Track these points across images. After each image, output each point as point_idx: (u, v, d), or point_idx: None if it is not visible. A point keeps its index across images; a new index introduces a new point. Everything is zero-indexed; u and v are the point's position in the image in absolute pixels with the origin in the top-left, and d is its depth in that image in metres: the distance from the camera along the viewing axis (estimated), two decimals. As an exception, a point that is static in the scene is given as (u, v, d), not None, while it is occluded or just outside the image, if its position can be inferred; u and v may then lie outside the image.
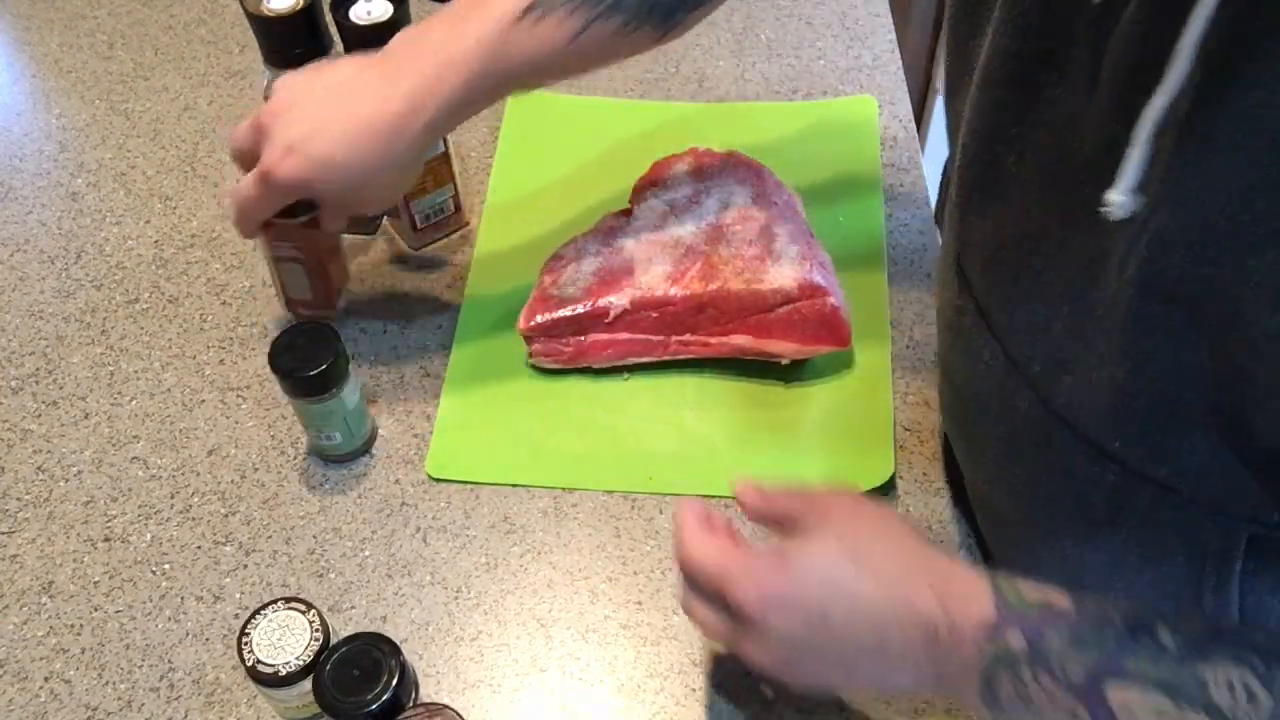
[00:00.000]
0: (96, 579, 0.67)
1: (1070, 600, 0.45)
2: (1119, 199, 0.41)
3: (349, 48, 0.72)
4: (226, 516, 0.70)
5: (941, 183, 0.74)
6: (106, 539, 0.69)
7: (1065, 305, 0.49)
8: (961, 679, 0.46)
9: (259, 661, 0.57)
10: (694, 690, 0.62)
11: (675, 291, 0.71)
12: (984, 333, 0.55)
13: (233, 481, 0.71)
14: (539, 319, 0.72)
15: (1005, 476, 0.59)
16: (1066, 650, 0.44)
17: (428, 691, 0.63)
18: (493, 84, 0.63)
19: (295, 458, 0.72)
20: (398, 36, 0.65)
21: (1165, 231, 0.41)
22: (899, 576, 0.48)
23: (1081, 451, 0.51)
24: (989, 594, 0.46)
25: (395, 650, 0.56)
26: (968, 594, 0.46)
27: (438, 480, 0.71)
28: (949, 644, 0.46)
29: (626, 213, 0.77)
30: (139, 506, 0.70)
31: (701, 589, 0.52)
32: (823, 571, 0.48)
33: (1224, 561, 0.50)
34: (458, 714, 0.54)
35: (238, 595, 0.67)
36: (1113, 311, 0.45)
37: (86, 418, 0.75)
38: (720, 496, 0.69)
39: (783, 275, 0.70)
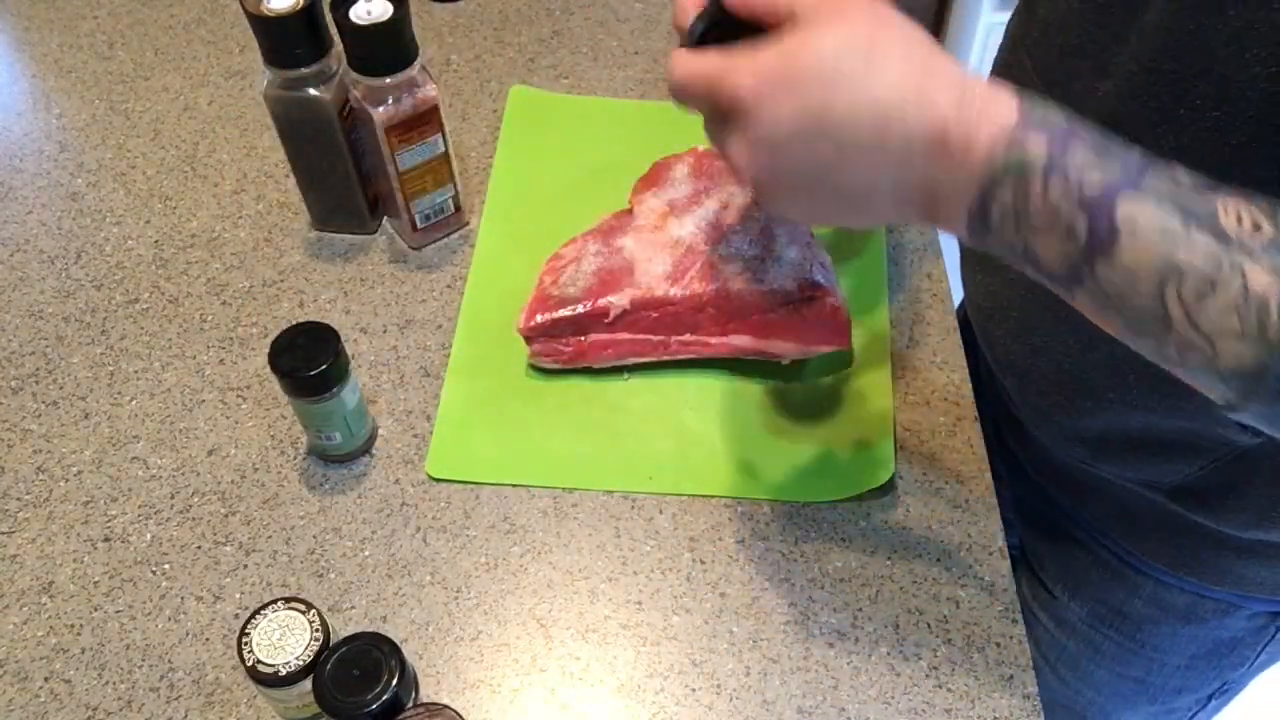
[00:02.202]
0: (96, 579, 0.67)
1: (1099, 128, 0.43)
2: None
3: (349, 48, 0.72)
4: (226, 516, 0.70)
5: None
6: (106, 539, 0.69)
7: (1107, 29, 0.53)
8: (953, 197, 0.44)
9: (259, 661, 0.57)
10: (694, 690, 0.62)
11: (675, 291, 0.71)
12: (1027, 71, 0.59)
13: (233, 481, 0.72)
14: (539, 319, 0.72)
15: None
16: (1088, 159, 0.42)
17: (428, 691, 0.63)
18: None
19: (295, 458, 0.73)
20: None
21: None
22: (916, 72, 0.43)
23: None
24: (1015, 102, 0.43)
25: (395, 650, 0.56)
26: (991, 98, 0.43)
27: (438, 480, 0.71)
28: (958, 148, 0.43)
29: (626, 213, 0.77)
30: (139, 506, 0.70)
31: (696, 100, 0.48)
32: (831, 60, 0.43)
33: None
34: (458, 714, 0.54)
35: (238, 595, 0.67)
36: (1147, 39, 0.49)
37: (86, 418, 0.75)
38: (720, 496, 0.69)
39: (783, 275, 0.70)
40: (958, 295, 0.79)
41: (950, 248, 0.82)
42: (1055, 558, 0.81)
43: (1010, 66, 0.65)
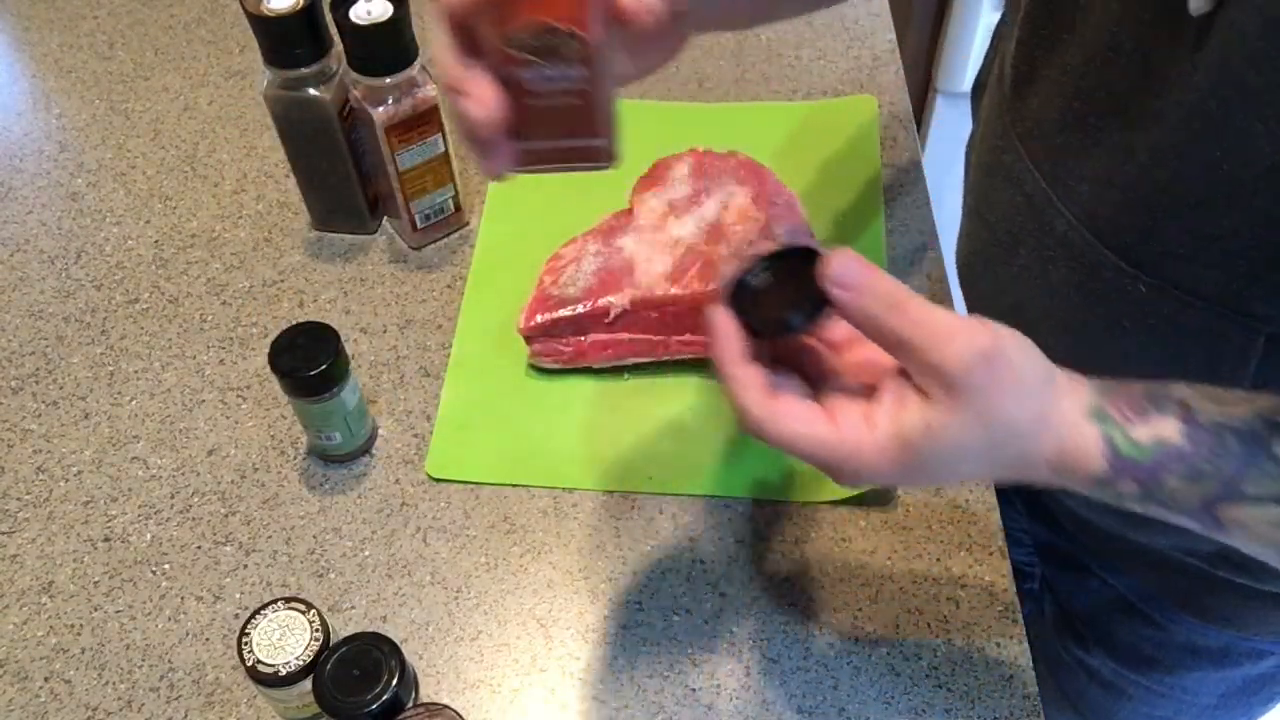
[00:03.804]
0: (96, 579, 0.67)
1: (1183, 426, 0.44)
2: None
3: (349, 48, 0.72)
4: (226, 516, 0.70)
5: (988, 50, 0.75)
6: (106, 539, 0.69)
7: (1119, 119, 0.52)
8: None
9: (259, 661, 0.57)
10: (694, 690, 0.62)
11: (675, 291, 0.71)
12: (1024, 165, 0.59)
13: (233, 481, 0.71)
14: (539, 319, 0.72)
15: (1040, 306, 0.60)
16: (1181, 486, 0.44)
17: (428, 691, 0.63)
18: None
19: (295, 458, 0.72)
20: None
21: (1240, 25, 0.43)
22: (1020, 454, 0.45)
23: (1115, 266, 0.54)
24: (1100, 447, 0.44)
25: (395, 650, 0.56)
26: (1080, 455, 0.44)
27: (438, 480, 0.71)
28: (1064, 483, 0.46)
29: (626, 213, 0.77)
30: (139, 506, 0.70)
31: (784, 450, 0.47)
32: (946, 460, 0.44)
33: (1240, 362, 0.52)
34: (458, 714, 0.54)
35: (238, 595, 0.67)
36: (1170, 119, 0.48)
37: (86, 418, 0.75)
38: (720, 496, 0.69)
39: (783, 275, 0.70)
40: (958, 295, 0.79)
41: (950, 248, 0.82)
42: (1083, 598, 0.79)
43: (1003, 152, 0.62)
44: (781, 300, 0.46)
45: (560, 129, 0.45)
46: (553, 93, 0.43)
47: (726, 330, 0.46)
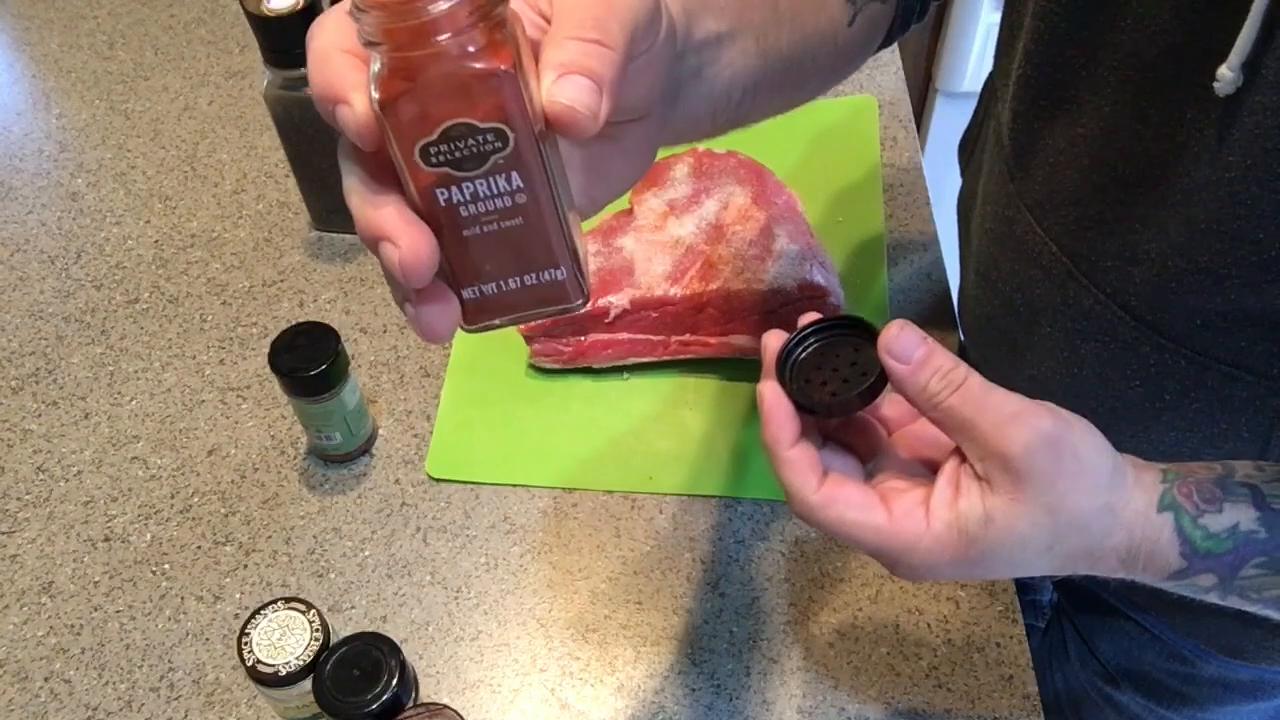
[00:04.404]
0: (96, 579, 0.67)
1: (1257, 513, 0.42)
2: (1229, 74, 0.41)
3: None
4: (226, 516, 0.70)
5: (977, 107, 0.72)
6: (106, 539, 0.69)
7: (1144, 197, 0.49)
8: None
9: (259, 661, 0.57)
10: (694, 690, 0.62)
11: (675, 291, 0.71)
12: (1039, 237, 0.55)
13: (233, 481, 0.71)
14: (539, 319, 0.72)
15: (1066, 378, 0.57)
16: (1261, 576, 0.43)
17: (428, 691, 0.63)
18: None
19: (295, 458, 0.72)
20: None
21: (1275, 104, 0.41)
22: (1087, 550, 0.43)
23: (1152, 341, 0.52)
24: (1175, 543, 0.42)
25: (395, 650, 0.56)
26: (1154, 550, 0.43)
27: (438, 480, 0.71)
28: (1137, 577, 0.45)
29: (626, 213, 0.77)
30: (139, 506, 0.70)
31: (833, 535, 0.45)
32: (1009, 553, 0.42)
33: None
34: (458, 714, 0.54)
35: (238, 595, 0.67)
36: (1203, 196, 0.45)
37: (86, 418, 0.75)
38: (720, 496, 0.69)
39: (783, 275, 0.70)
40: (958, 293, 0.79)
41: (950, 247, 0.82)
42: (1109, 640, 0.77)
43: (1013, 223, 0.59)
44: (834, 376, 0.44)
45: (508, 264, 0.37)
46: (488, 215, 0.35)
47: (778, 409, 0.44)
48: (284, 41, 0.72)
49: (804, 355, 0.45)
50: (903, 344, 0.41)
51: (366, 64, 0.33)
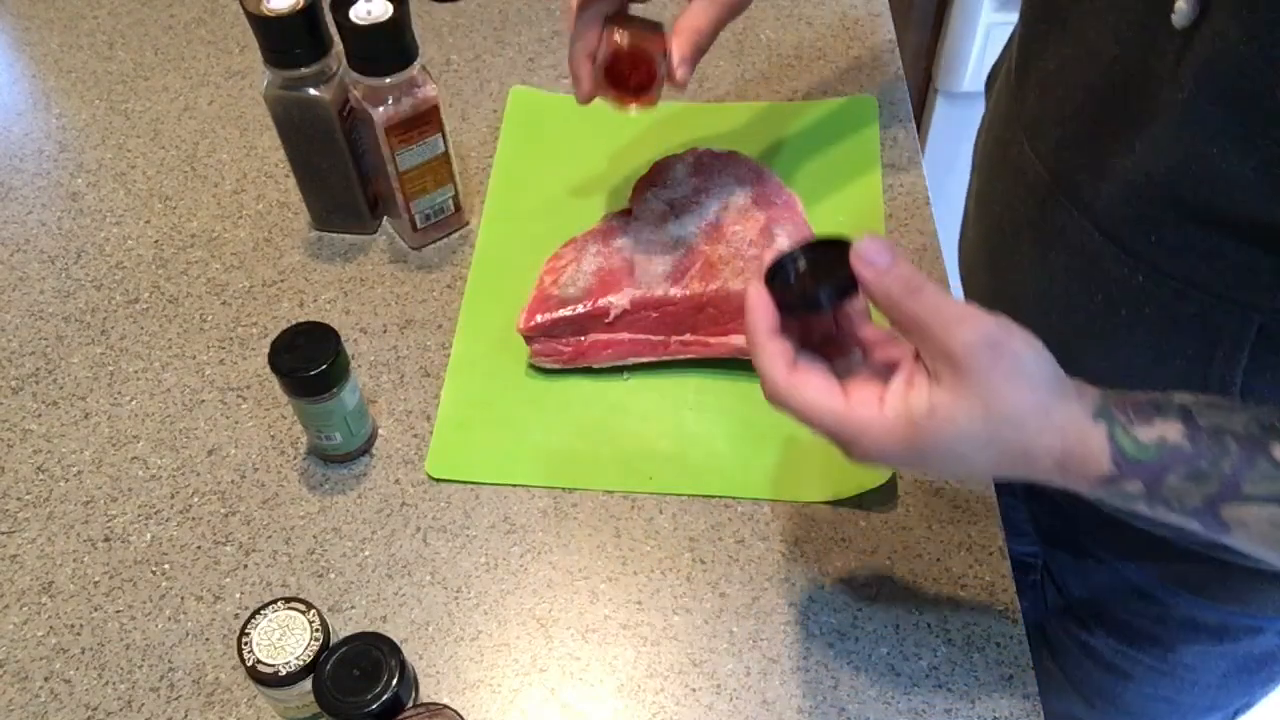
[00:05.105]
0: (96, 579, 0.67)
1: (1184, 428, 0.45)
2: (1184, 8, 0.47)
3: (349, 48, 0.72)
4: (226, 516, 0.70)
5: (1005, 46, 0.77)
6: (106, 539, 0.69)
7: (1115, 117, 0.53)
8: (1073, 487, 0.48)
9: (259, 661, 0.57)
10: (694, 690, 0.62)
11: (675, 291, 0.71)
12: (1028, 157, 0.61)
13: (233, 481, 0.72)
14: (539, 319, 0.72)
15: (1036, 293, 0.62)
16: (1184, 486, 0.45)
17: (428, 691, 0.63)
18: None
19: (295, 458, 0.73)
20: None
21: (1223, 34, 0.46)
22: (1023, 449, 0.46)
23: (1114, 256, 0.56)
24: (1107, 449, 0.46)
25: (395, 650, 0.56)
26: (1086, 454, 0.46)
27: (438, 480, 0.71)
28: (1068, 484, 0.48)
29: (626, 213, 0.77)
30: (139, 506, 0.70)
31: (799, 419, 0.50)
32: (949, 444, 0.46)
33: (1234, 350, 0.54)
34: (458, 714, 0.54)
35: (238, 595, 0.67)
36: (1163, 118, 0.50)
37: (86, 418, 0.75)
38: (720, 496, 0.69)
39: (783, 275, 0.70)
40: (958, 295, 0.79)
41: (951, 247, 0.82)
42: (1081, 581, 0.79)
43: (1009, 144, 0.64)
44: (813, 282, 0.49)
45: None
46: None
47: (760, 303, 0.49)
48: (284, 41, 0.72)
49: (791, 266, 0.50)
50: (871, 251, 0.47)
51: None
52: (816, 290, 0.49)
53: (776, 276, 0.50)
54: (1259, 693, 0.80)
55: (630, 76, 0.65)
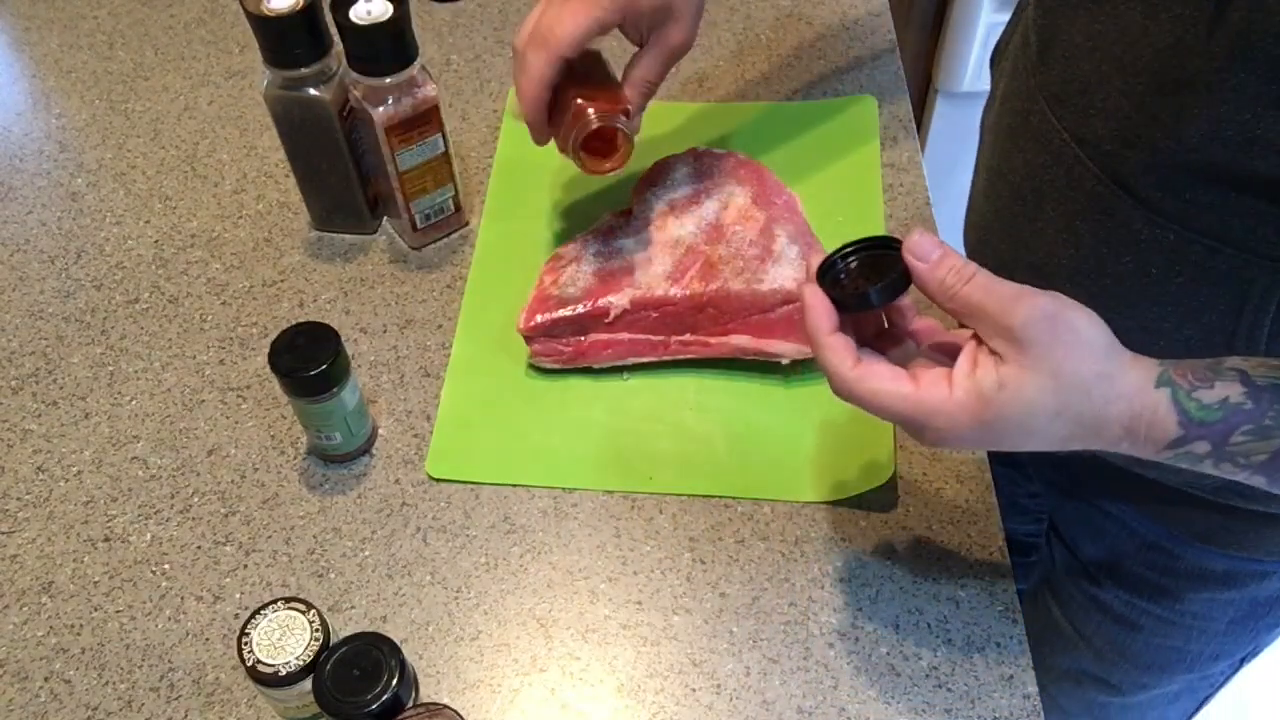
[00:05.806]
0: (96, 579, 0.67)
1: (1244, 388, 0.47)
2: None
3: (349, 48, 0.72)
4: (226, 516, 0.70)
5: (1013, 15, 0.77)
6: (106, 539, 0.69)
7: (1148, 89, 0.54)
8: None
9: (259, 661, 0.57)
10: (694, 690, 0.62)
11: (675, 291, 0.71)
12: (1052, 125, 0.61)
13: (233, 481, 0.72)
14: (539, 319, 0.72)
15: (1063, 259, 0.63)
16: (1250, 442, 0.47)
17: (428, 691, 0.63)
18: None
19: (295, 458, 0.73)
20: None
21: (1259, 2, 0.46)
22: (1093, 416, 0.48)
23: (1144, 218, 0.57)
24: (1173, 413, 0.47)
25: (395, 650, 0.56)
26: (1154, 420, 0.48)
27: (438, 480, 0.71)
28: (1137, 450, 0.49)
29: (626, 213, 0.77)
30: (139, 506, 0.70)
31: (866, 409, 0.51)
32: (1021, 417, 0.48)
33: (1265, 302, 0.55)
34: (458, 714, 0.54)
35: (238, 595, 0.67)
36: (1198, 86, 0.51)
37: (86, 418, 0.75)
38: (720, 496, 0.69)
39: (783, 275, 0.70)
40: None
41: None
42: (1090, 538, 0.80)
43: (1029, 114, 0.65)
44: (864, 281, 0.51)
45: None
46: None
47: (817, 303, 0.51)
48: (284, 41, 0.72)
49: (842, 264, 0.53)
50: (923, 246, 0.49)
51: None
52: (868, 288, 0.51)
53: (826, 276, 0.52)
54: (1265, 639, 0.81)
55: (602, 145, 0.70)
